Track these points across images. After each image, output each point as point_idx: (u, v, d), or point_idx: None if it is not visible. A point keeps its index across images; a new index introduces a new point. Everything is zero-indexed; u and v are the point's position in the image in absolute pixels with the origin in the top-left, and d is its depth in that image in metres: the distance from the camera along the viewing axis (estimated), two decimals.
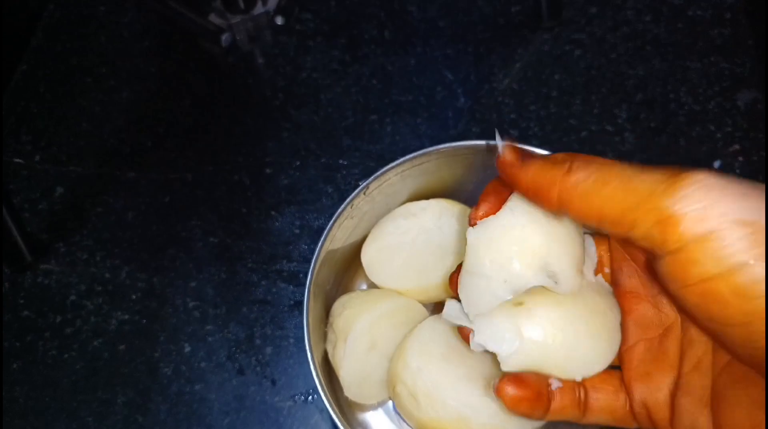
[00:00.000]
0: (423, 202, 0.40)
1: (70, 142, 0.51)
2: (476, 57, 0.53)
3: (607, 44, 0.53)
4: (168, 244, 0.47)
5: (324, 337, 0.38)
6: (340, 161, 0.49)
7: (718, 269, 0.19)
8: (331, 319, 0.38)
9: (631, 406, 0.26)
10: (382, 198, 0.39)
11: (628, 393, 0.26)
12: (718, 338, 0.22)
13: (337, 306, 0.38)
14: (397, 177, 0.38)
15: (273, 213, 0.48)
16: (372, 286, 0.40)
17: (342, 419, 0.33)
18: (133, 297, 0.45)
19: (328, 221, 0.47)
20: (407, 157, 0.36)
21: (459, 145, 0.37)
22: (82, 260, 0.47)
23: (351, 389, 0.36)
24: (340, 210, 0.36)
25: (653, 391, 0.25)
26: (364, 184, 0.36)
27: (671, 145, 0.48)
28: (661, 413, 0.25)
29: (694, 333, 0.24)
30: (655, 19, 0.54)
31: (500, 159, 0.25)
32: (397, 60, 0.54)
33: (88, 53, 0.56)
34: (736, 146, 0.48)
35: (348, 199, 0.36)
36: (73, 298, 0.45)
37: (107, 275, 0.46)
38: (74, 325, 0.45)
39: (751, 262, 0.19)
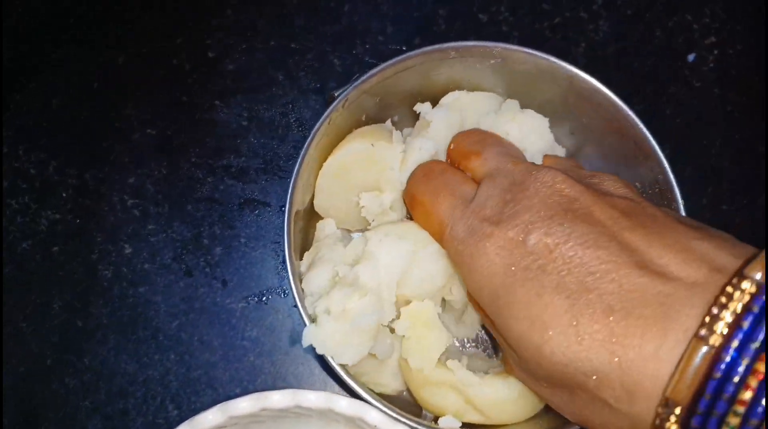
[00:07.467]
0: None
1: None
2: None
3: None
4: (100, 135, 0.42)
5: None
6: (292, 45, 0.44)
7: None
8: None
9: None
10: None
11: None
12: None
13: None
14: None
15: (217, 102, 0.43)
16: None
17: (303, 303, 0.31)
18: (64, 194, 0.41)
19: (279, 113, 0.43)
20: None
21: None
22: (2, 154, 0.42)
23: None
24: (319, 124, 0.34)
25: None
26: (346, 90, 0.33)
27: (647, 35, 0.45)
28: None
29: None
30: None
31: None
32: None
33: None
34: (713, 38, 0.45)
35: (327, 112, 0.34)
36: None
37: (32, 171, 0.41)
38: None
39: None
